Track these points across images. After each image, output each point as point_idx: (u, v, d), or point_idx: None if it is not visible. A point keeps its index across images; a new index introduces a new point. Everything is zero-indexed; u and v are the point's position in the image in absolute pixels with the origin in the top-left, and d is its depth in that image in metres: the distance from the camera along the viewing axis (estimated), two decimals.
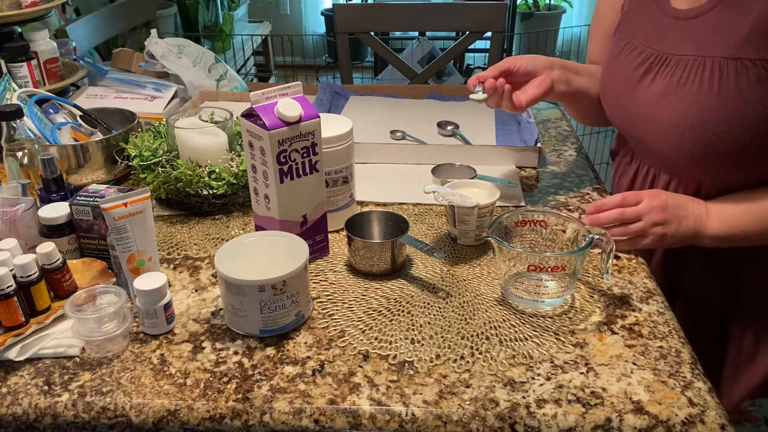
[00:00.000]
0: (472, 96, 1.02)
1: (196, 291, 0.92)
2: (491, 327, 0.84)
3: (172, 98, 1.55)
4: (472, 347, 0.81)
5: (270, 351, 0.81)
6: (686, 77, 0.94)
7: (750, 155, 0.92)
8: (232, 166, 1.09)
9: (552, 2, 4.60)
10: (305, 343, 0.82)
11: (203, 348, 0.81)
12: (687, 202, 0.96)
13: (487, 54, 2.27)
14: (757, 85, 0.88)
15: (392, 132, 1.41)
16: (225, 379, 0.76)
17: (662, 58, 0.98)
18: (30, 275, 0.82)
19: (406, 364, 0.78)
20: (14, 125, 1.06)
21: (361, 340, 0.82)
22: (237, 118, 1.09)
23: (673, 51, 0.97)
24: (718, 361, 1.11)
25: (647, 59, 1.00)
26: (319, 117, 0.91)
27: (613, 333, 0.83)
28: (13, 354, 0.79)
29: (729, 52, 0.90)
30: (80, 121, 1.30)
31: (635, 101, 1.02)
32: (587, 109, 1.19)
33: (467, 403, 0.73)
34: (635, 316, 0.86)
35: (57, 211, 0.93)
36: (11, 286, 0.80)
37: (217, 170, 1.08)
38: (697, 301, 1.10)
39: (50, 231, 0.93)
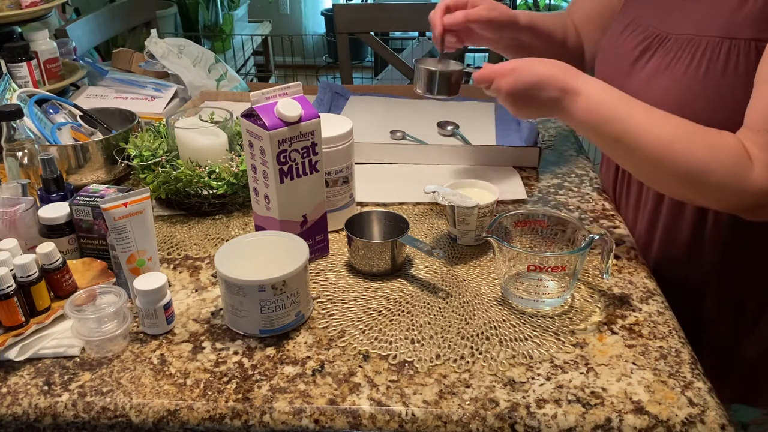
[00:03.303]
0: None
1: (196, 291, 0.92)
2: (491, 327, 0.84)
3: (172, 98, 1.55)
4: (472, 347, 0.81)
5: (270, 351, 0.81)
6: (678, 57, 0.92)
7: None
8: (232, 166, 1.09)
9: (552, 2, 4.60)
10: (305, 343, 0.82)
11: (203, 348, 0.81)
12: (557, 77, 0.89)
13: (487, 54, 2.27)
14: (743, 69, 0.85)
15: (392, 132, 1.41)
16: (225, 379, 0.76)
17: (662, 37, 0.95)
18: (30, 275, 0.82)
19: (406, 364, 0.78)
20: (14, 125, 1.05)
21: (361, 340, 0.82)
22: (237, 118, 1.09)
23: (673, 30, 0.94)
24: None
25: (647, 39, 0.97)
26: (319, 117, 0.91)
27: (613, 333, 0.83)
28: (13, 354, 0.79)
29: (724, 32, 0.87)
30: (80, 121, 1.29)
31: (628, 83, 0.98)
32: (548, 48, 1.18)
33: (467, 403, 0.73)
34: (635, 316, 0.86)
35: (57, 211, 0.93)
36: (11, 286, 0.79)
37: (217, 170, 1.08)
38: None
39: (50, 231, 0.93)
